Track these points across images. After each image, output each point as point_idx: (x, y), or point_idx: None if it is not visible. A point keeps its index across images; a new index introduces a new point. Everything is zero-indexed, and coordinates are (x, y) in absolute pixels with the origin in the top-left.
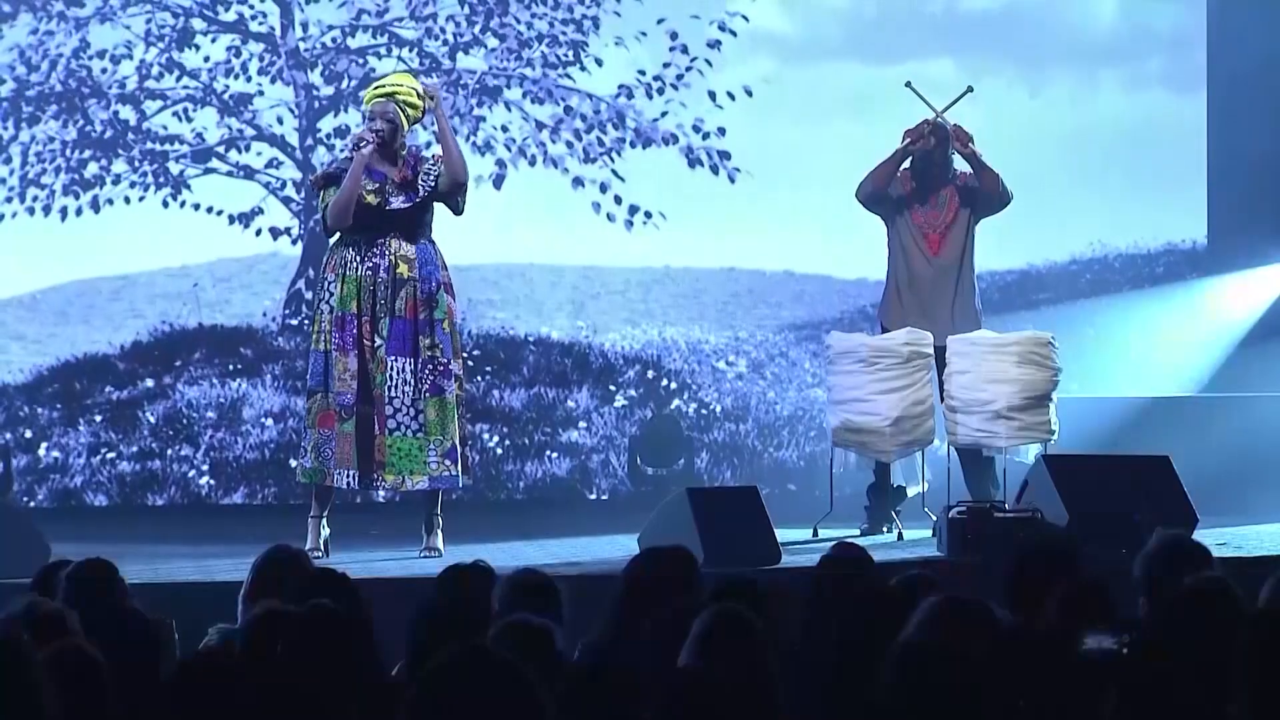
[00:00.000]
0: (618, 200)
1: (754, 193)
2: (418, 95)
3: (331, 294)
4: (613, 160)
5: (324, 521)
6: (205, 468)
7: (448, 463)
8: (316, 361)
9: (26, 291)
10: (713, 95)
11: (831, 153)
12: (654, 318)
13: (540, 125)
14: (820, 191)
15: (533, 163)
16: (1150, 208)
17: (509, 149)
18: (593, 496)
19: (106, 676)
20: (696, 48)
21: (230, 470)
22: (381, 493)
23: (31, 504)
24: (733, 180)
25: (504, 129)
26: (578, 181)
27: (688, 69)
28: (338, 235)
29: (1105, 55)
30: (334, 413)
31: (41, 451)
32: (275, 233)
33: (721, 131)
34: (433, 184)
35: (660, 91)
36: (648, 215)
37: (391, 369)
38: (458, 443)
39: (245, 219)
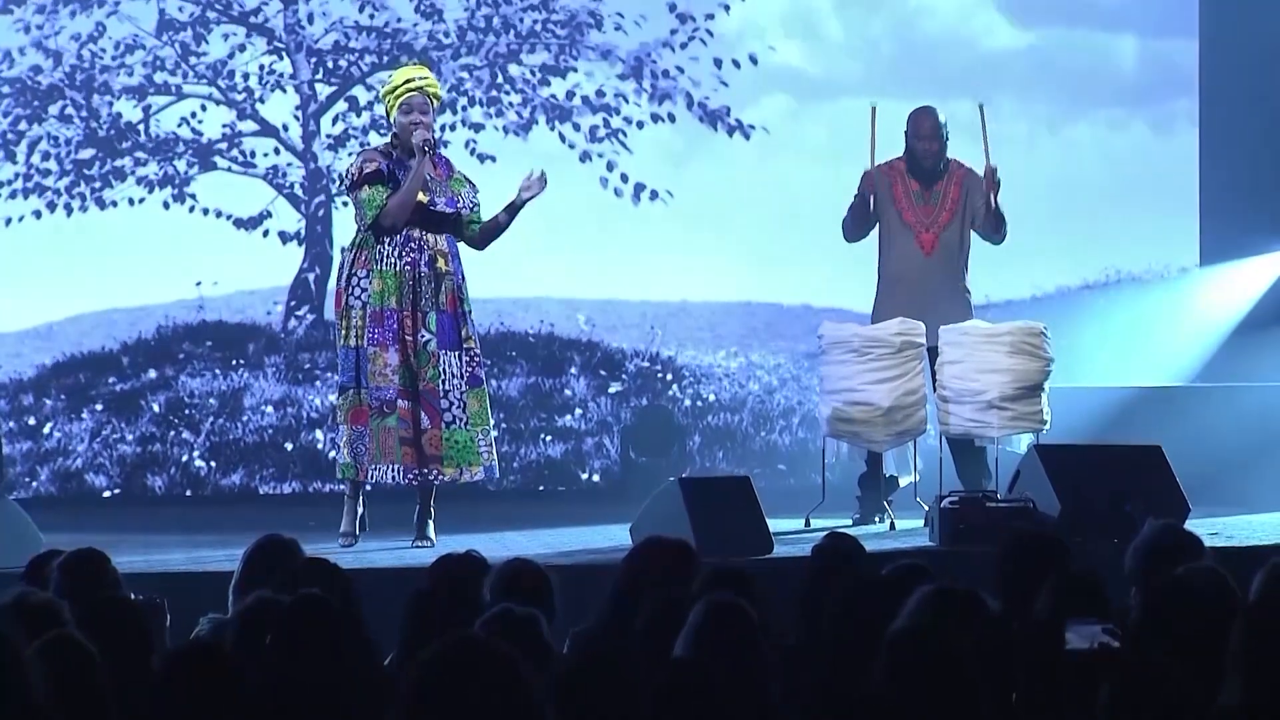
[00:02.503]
0: (624, 178)
1: (772, 226)
2: (438, 86)
3: (365, 290)
4: (619, 140)
5: (360, 504)
6: (204, 450)
7: (492, 452)
8: (347, 358)
9: (43, 322)
10: (718, 63)
11: (850, 189)
12: (668, 347)
13: (553, 102)
14: (838, 225)
15: (551, 125)
16: (1167, 236)
17: (521, 114)
18: (585, 476)
19: (98, 666)
20: (702, 21)
21: (229, 452)
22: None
23: (34, 484)
24: (747, 138)
25: (494, 120)
26: (585, 156)
27: (690, 39)
28: (370, 231)
29: (1127, 94)
30: (366, 408)
31: (46, 430)
32: (285, 237)
33: (727, 111)
34: (469, 206)
35: (667, 74)
36: (654, 194)
37: (444, 363)
38: (493, 431)
39: (253, 223)
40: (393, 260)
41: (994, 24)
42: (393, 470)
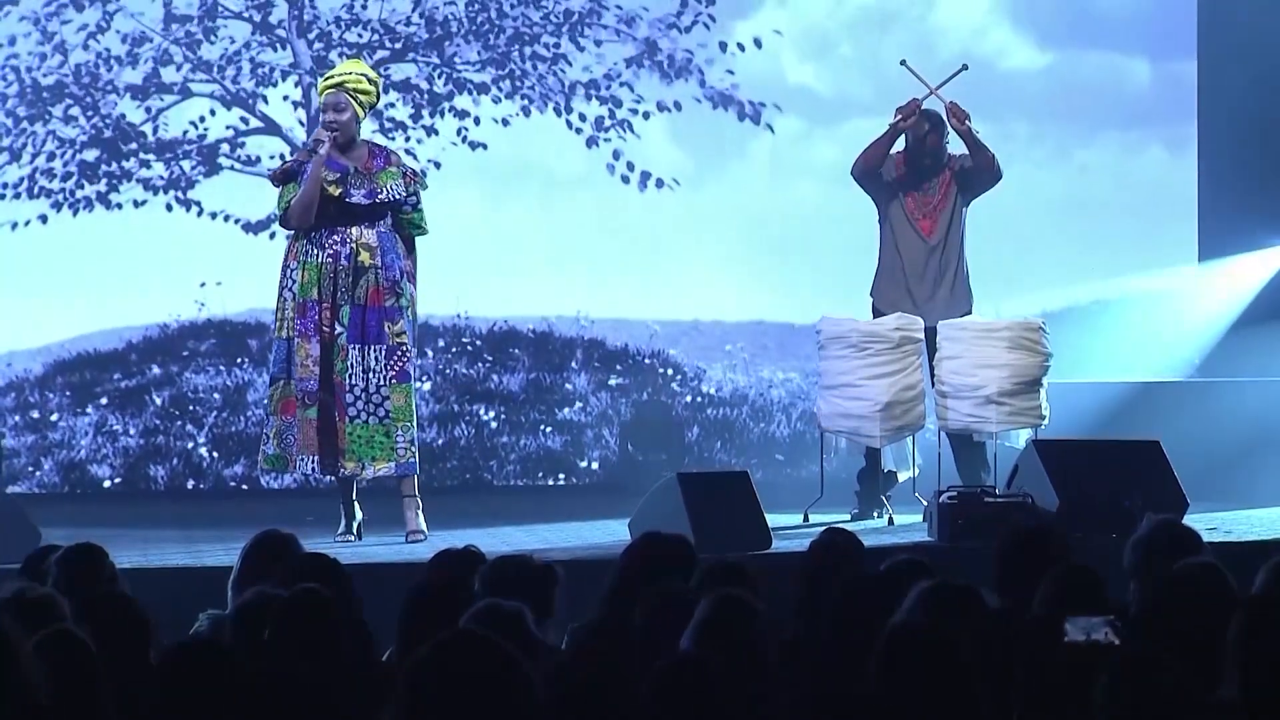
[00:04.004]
0: (631, 166)
1: (783, 246)
2: (369, 81)
3: (294, 281)
4: (626, 130)
5: (355, 506)
6: (207, 441)
7: (413, 448)
8: (279, 349)
9: (55, 340)
10: (723, 46)
11: (862, 208)
12: (674, 348)
13: (561, 85)
14: (852, 244)
15: (559, 111)
16: (1181, 255)
17: (529, 97)
18: (584, 464)
19: (96, 662)
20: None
21: (231, 444)
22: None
23: (37, 473)
24: (756, 122)
25: (499, 108)
26: (591, 142)
27: (694, 23)
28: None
29: (1142, 115)
30: (295, 399)
31: (51, 419)
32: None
33: (735, 87)
34: (392, 198)
35: (674, 59)
36: (660, 182)
37: (351, 357)
38: (415, 428)
39: (261, 226)
40: (315, 253)
41: (1008, 45)
42: (310, 462)
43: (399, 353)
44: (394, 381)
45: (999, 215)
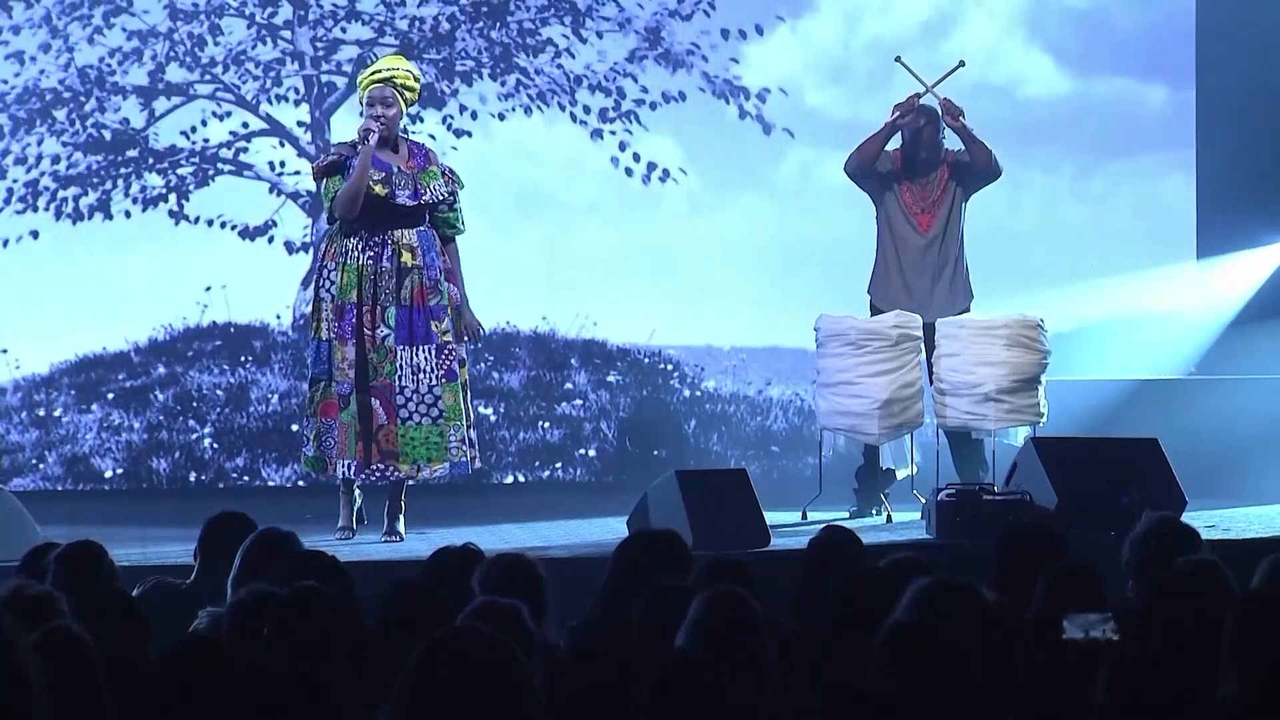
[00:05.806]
0: (636, 158)
1: (796, 270)
2: (414, 78)
3: (332, 282)
4: (632, 122)
5: (356, 492)
6: (210, 435)
7: (465, 447)
8: (319, 350)
9: (61, 347)
10: (725, 34)
11: (873, 235)
12: (679, 361)
13: (567, 78)
14: (865, 270)
15: (563, 106)
16: (1178, 251)
17: (531, 94)
18: (581, 452)
19: (95, 659)
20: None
21: (234, 437)
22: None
23: (41, 466)
24: (759, 119)
25: (505, 104)
26: (596, 134)
27: (694, 11)
28: (338, 224)
29: (1159, 140)
30: (335, 401)
31: (56, 414)
32: (290, 247)
33: (738, 77)
34: (435, 199)
35: (670, 54)
36: (665, 173)
37: (401, 358)
38: (469, 427)
39: (259, 231)
40: (356, 254)
41: (1023, 71)
42: (345, 465)
43: (446, 351)
44: (444, 381)
45: (1009, 233)
